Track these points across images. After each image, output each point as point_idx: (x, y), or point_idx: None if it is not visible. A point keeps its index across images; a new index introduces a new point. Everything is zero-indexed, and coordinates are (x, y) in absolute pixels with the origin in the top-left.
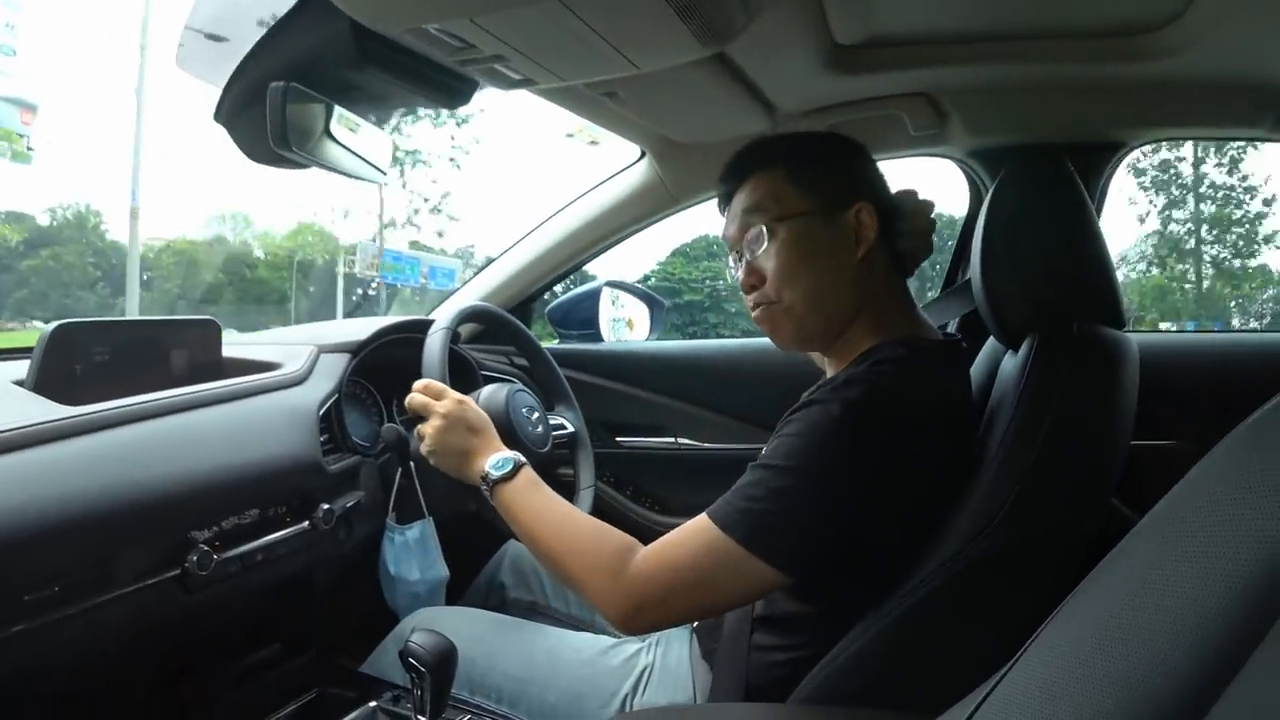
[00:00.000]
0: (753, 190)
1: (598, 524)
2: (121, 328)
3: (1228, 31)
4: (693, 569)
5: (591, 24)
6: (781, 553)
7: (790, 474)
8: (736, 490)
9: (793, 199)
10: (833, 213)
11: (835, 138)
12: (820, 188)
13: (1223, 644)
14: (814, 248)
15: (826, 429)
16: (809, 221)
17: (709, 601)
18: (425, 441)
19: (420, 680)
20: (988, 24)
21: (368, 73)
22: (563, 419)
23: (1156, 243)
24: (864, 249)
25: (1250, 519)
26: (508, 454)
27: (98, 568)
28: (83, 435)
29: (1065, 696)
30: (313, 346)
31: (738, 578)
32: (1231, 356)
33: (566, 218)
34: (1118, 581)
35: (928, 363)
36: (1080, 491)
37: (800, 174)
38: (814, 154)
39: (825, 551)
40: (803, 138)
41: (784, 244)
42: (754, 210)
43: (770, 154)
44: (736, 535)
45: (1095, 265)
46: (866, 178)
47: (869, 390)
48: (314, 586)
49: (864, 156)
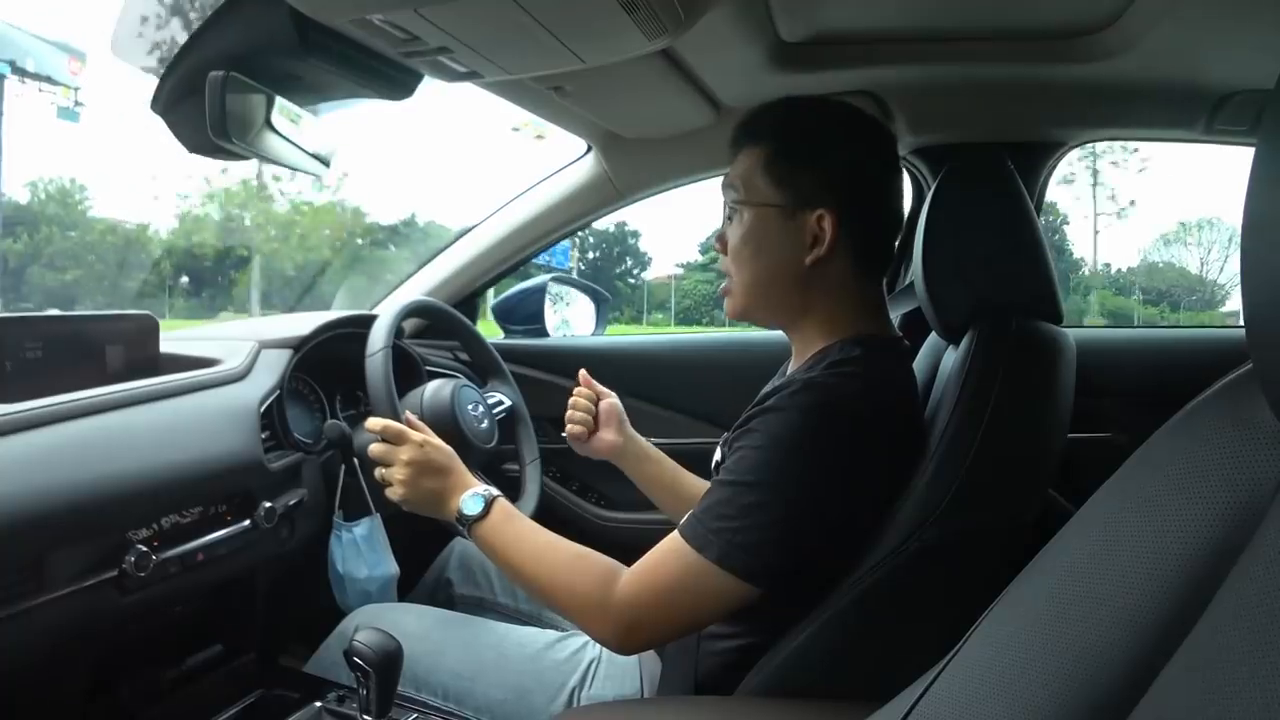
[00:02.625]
0: (739, 162)
1: (577, 552)
2: (54, 323)
3: (1164, 35)
4: (675, 591)
5: (538, 17)
6: (756, 570)
7: (758, 489)
8: (707, 509)
9: (761, 188)
10: (794, 212)
11: (840, 125)
12: (791, 183)
13: (1157, 628)
14: (766, 241)
15: (788, 440)
16: (768, 214)
17: (694, 619)
18: (394, 490)
19: (365, 679)
20: (932, 24)
21: (310, 63)
22: (499, 394)
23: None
24: (813, 255)
25: (1180, 509)
26: (479, 490)
27: (30, 570)
28: (14, 434)
29: (1005, 683)
30: (253, 342)
31: (717, 596)
32: (1165, 352)
33: (512, 212)
34: (1056, 570)
35: (879, 360)
36: (1019, 483)
37: (778, 163)
38: (804, 143)
39: (795, 559)
40: (805, 117)
41: (744, 227)
42: (730, 186)
43: (764, 129)
44: (711, 556)
45: (1034, 263)
46: (850, 180)
47: (825, 396)
48: (256, 586)
49: (861, 149)
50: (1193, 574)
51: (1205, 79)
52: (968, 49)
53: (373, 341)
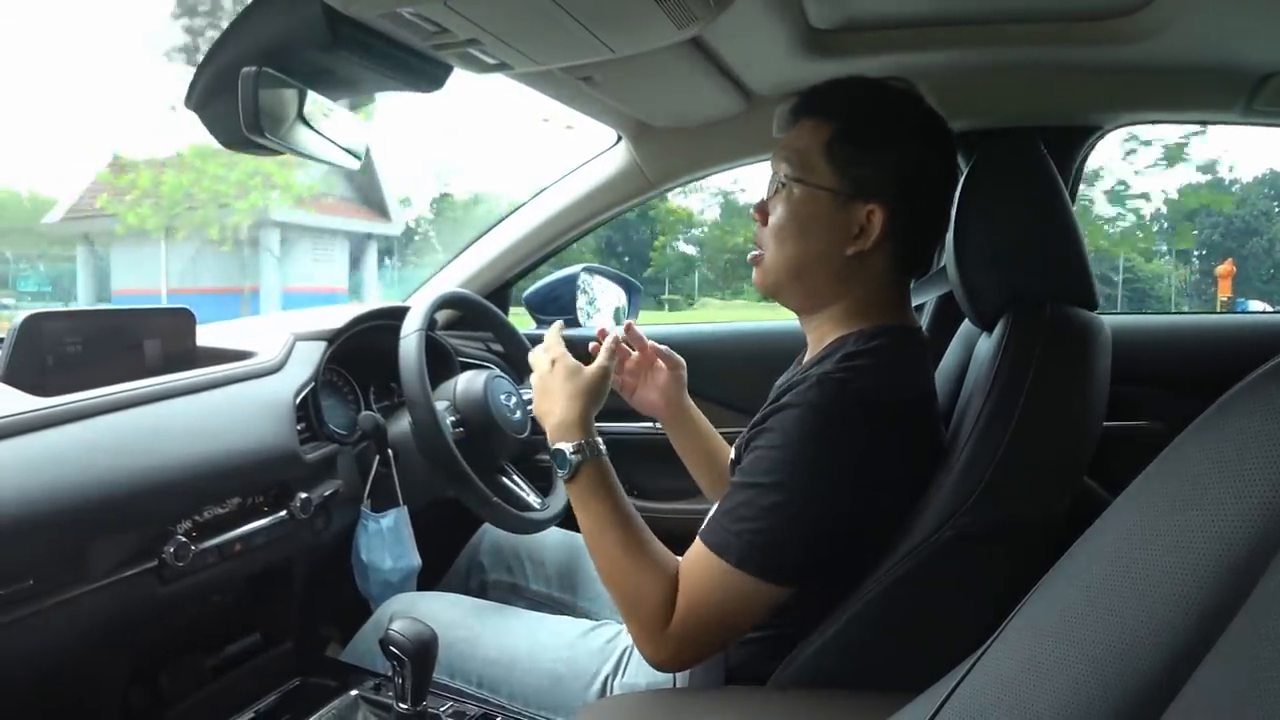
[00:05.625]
0: (798, 135)
1: (647, 564)
2: (94, 317)
3: (1199, 16)
4: (709, 605)
5: (567, 7)
6: (781, 570)
7: (775, 490)
8: (726, 512)
9: (819, 169)
10: (848, 201)
11: (907, 117)
12: (850, 170)
13: (1198, 618)
14: (813, 224)
15: (803, 438)
16: (821, 198)
17: (733, 628)
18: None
19: (401, 668)
20: (962, 8)
21: (341, 57)
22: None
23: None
24: (855, 248)
25: (1216, 500)
26: (578, 441)
27: (72, 561)
28: (55, 427)
29: (1044, 672)
30: (289, 334)
31: (747, 600)
32: (1201, 339)
33: (543, 203)
34: (1093, 560)
35: (895, 351)
36: (1054, 471)
37: (841, 144)
38: (870, 130)
39: (819, 555)
40: (875, 104)
41: (791, 205)
42: (786, 159)
43: (833, 105)
44: (732, 560)
45: (1068, 248)
46: (909, 177)
47: (839, 391)
48: (292, 576)
49: (924, 147)
50: (1231, 565)
51: (1243, 59)
52: (1000, 32)
53: (407, 325)
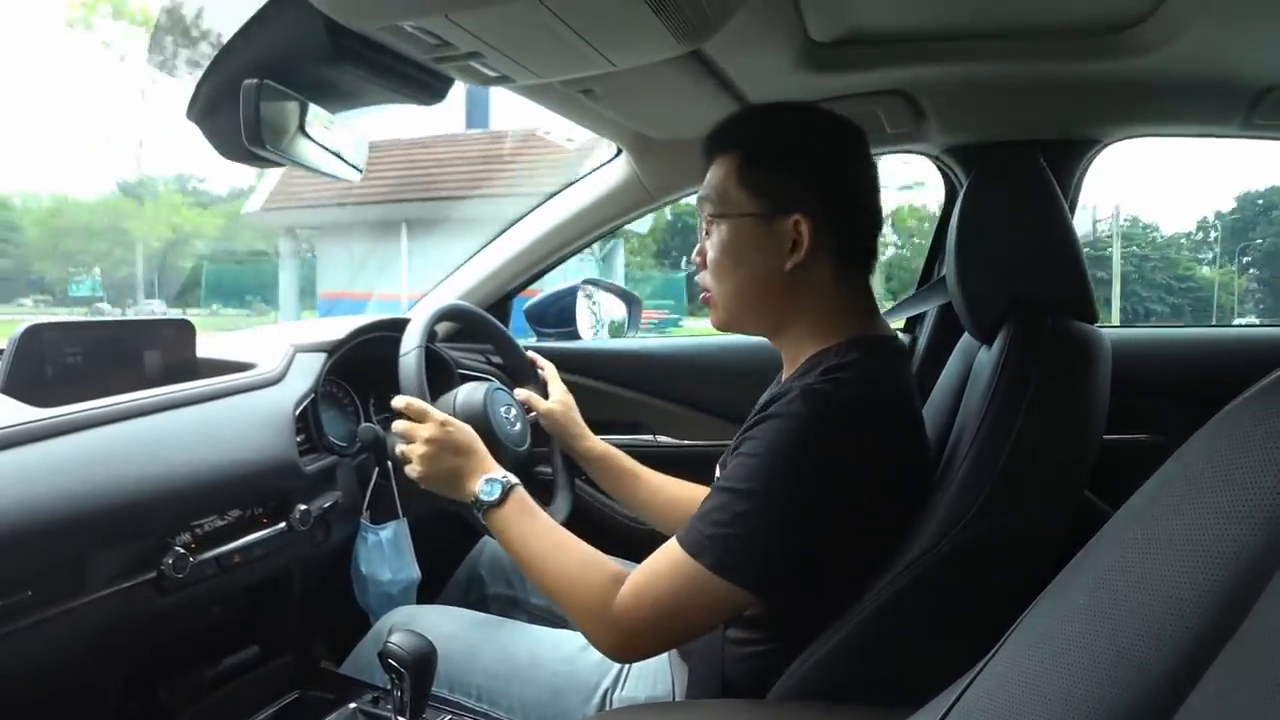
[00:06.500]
0: (712, 174)
1: (585, 556)
2: (94, 328)
3: (1197, 31)
4: (672, 598)
5: (568, 21)
6: (750, 577)
7: (752, 497)
8: (703, 515)
9: (735, 198)
10: (771, 219)
11: (808, 127)
12: (765, 190)
13: (1199, 631)
14: (744, 252)
15: (785, 448)
16: (745, 224)
17: (692, 626)
18: (413, 467)
19: (400, 681)
20: (963, 22)
21: (342, 70)
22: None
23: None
24: (793, 261)
25: (1218, 514)
26: (496, 474)
27: (71, 571)
28: (54, 438)
29: (1045, 686)
30: (289, 345)
31: (713, 602)
32: (1202, 352)
33: (543, 216)
34: (1094, 572)
35: (875, 362)
36: (1054, 484)
37: (750, 170)
38: (773, 148)
39: (793, 567)
40: (773, 123)
41: (721, 240)
42: (707, 199)
43: (733, 138)
44: (705, 562)
45: (1067, 261)
46: (823, 180)
47: (823, 403)
48: (292, 588)
49: (832, 149)
50: (1233, 579)
51: (1242, 73)
52: (1000, 47)
53: (406, 342)
